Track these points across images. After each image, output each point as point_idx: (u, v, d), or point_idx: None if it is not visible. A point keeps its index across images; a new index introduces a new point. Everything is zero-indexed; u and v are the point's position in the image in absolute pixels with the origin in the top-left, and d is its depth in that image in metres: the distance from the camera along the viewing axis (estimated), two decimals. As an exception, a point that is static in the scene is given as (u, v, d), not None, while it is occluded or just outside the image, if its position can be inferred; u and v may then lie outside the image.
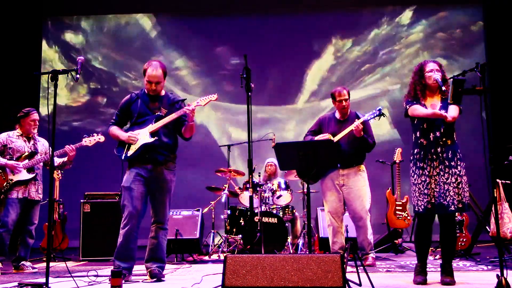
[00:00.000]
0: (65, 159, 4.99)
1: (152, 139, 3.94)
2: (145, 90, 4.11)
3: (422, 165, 3.61)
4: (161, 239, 4.02)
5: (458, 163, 3.57)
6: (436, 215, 3.65)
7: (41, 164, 5.03)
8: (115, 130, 4.08)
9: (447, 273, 3.56)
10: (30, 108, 5.06)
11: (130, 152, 3.97)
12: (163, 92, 4.14)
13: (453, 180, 3.53)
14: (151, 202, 4.07)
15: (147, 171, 3.98)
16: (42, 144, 5.12)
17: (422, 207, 3.58)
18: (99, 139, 4.77)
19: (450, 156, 3.56)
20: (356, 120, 4.76)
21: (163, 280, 3.91)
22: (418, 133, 3.67)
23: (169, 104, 4.10)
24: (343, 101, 4.93)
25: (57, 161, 5.10)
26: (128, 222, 3.90)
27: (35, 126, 5.03)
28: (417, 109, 3.65)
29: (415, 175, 3.64)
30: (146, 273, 4.00)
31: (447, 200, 3.52)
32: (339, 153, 4.20)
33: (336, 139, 4.82)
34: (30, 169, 4.91)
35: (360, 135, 4.70)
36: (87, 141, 4.82)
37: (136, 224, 3.94)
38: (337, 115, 5.03)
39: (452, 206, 3.51)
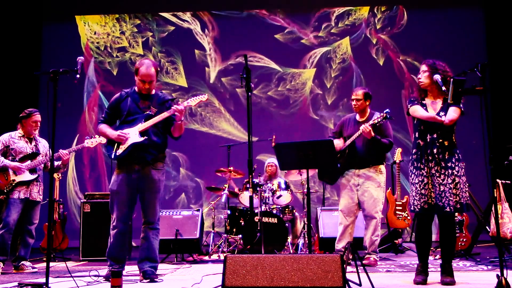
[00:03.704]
0: (59, 162, 5.00)
1: (142, 138, 3.91)
2: (136, 88, 4.10)
3: (419, 165, 3.64)
4: (152, 239, 4.00)
5: (456, 164, 3.57)
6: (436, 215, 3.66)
7: (42, 165, 5.03)
8: (104, 128, 4.06)
9: (447, 273, 3.56)
10: (32, 109, 5.04)
11: (119, 151, 3.94)
12: (153, 91, 4.12)
13: (449, 181, 3.54)
14: (140, 203, 4.05)
15: (135, 172, 3.95)
16: (43, 145, 5.12)
17: (419, 207, 3.61)
18: (101, 140, 4.78)
19: (446, 157, 3.57)
20: (367, 121, 4.78)
21: (156, 280, 3.88)
22: (417, 133, 3.71)
23: (159, 103, 4.07)
24: (354, 100, 4.96)
25: (54, 164, 5.08)
26: (116, 225, 3.97)
27: (36, 128, 5.01)
28: (416, 111, 3.69)
29: (413, 175, 3.68)
30: (139, 273, 3.98)
31: (443, 201, 3.54)
32: (336, 153, 4.22)
33: (348, 141, 4.84)
34: (32, 170, 4.92)
35: (370, 136, 4.70)
36: (89, 143, 4.84)
37: (124, 227, 4.00)
38: (357, 116, 5.05)
39: (448, 207, 3.52)
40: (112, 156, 3.98)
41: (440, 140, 3.59)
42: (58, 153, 4.87)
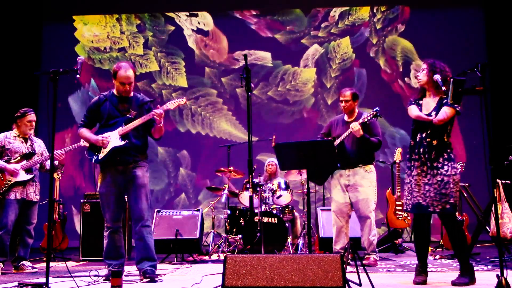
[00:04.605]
0: (56, 163, 4.98)
1: (123, 142, 3.95)
2: (115, 91, 4.11)
3: (409, 165, 3.69)
4: (146, 238, 3.99)
5: (445, 163, 3.55)
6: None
7: (38, 165, 5.01)
8: (85, 132, 4.09)
9: (460, 272, 3.55)
10: (27, 109, 5.02)
11: (101, 155, 3.99)
12: (131, 93, 4.13)
13: (434, 181, 3.53)
14: (128, 202, 4.09)
15: (119, 173, 4.00)
16: (39, 145, 5.10)
17: (410, 206, 3.65)
18: None
19: (433, 156, 3.56)
20: (355, 121, 4.78)
21: (157, 280, 3.88)
22: (411, 133, 3.76)
23: (138, 105, 4.09)
24: (343, 101, 4.96)
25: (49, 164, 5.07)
26: (110, 226, 4.03)
27: (31, 127, 4.99)
28: (410, 110, 3.74)
29: (406, 175, 3.73)
30: (140, 274, 3.98)
31: (427, 201, 3.55)
32: (336, 153, 4.23)
33: (338, 141, 4.84)
34: (28, 170, 4.89)
35: (359, 135, 4.71)
36: (85, 141, 4.81)
37: (116, 226, 4.05)
38: (345, 116, 5.05)
39: (431, 208, 3.53)
40: (94, 160, 4.02)
41: (428, 140, 3.60)
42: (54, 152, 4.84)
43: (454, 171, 3.56)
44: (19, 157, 4.89)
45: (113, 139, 3.97)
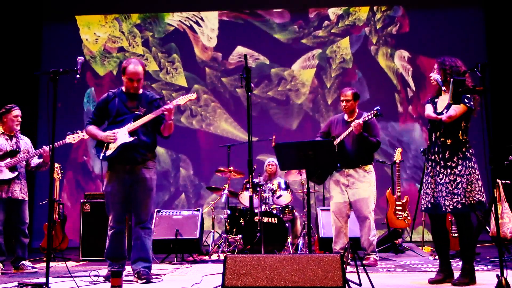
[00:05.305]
0: (41, 160, 4.94)
1: (131, 139, 3.91)
2: (123, 88, 4.08)
3: (426, 165, 3.73)
4: (144, 238, 3.98)
5: (459, 162, 3.53)
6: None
7: (24, 163, 4.96)
8: (93, 129, 4.05)
9: (460, 274, 3.54)
10: (12, 104, 4.97)
11: (108, 152, 3.93)
12: (140, 90, 4.10)
13: (447, 180, 3.53)
14: (132, 202, 4.03)
15: (126, 172, 3.95)
16: (25, 143, 5.05)
17: (424, 206, 3.68)
18: (83, 136, 4.67)
19: (447, 156, 3.56)
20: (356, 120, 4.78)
21: (152, 280, 3.88)
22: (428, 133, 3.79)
23: (147, 102, 4.06)
24: (344, 101, 4.96)
25: (35, 162, 5.03)
26: (113, 225, 4.00)
27: (17, 123, 4.93)
28: (426, 109, 3.76)
29: (424, 174, 3.79)
30: (133, 274, 3.96)
31: (440, 200, 3.55)
32: (336, 154, 4.24)
33: (338, 140, 4.84)
34: (12, 168, 4.81)
35: (358, 131, 4.71)
36: (71, 138, 4.74)
37: (120, 227, 4.02)
38: (345, 116, 5.05)
39: (444, 207, 3.52)
40: (101, 157, 3.97)
41: (442, 139, 3.60)
42: (40, 150, 4.81)
43: (469, 171, 3.52)
44: (3, 155, 4.80)
45: (121, 135, 3.92)
